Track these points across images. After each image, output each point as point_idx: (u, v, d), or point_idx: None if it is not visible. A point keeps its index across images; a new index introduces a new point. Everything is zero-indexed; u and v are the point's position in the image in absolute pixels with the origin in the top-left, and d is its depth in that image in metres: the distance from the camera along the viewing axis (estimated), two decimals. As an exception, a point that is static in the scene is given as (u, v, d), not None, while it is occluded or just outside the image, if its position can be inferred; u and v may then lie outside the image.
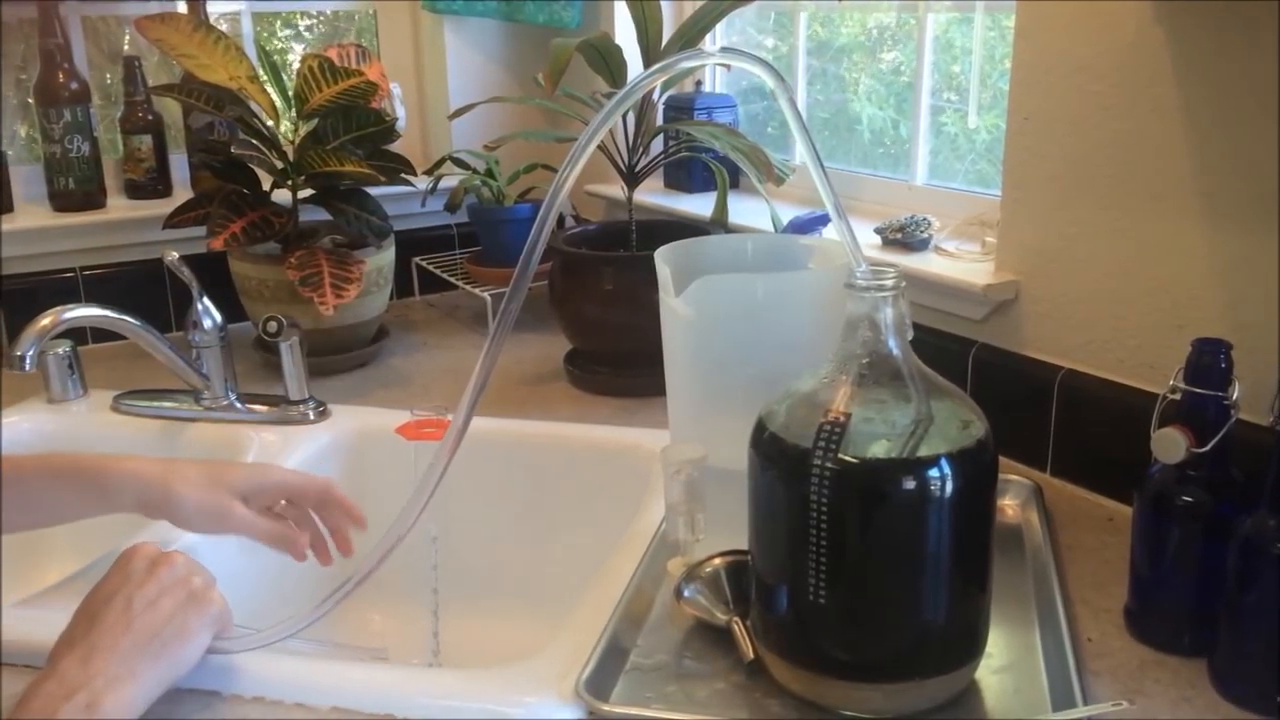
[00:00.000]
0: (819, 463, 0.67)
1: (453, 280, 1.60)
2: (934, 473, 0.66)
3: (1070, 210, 1.02)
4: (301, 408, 1.20)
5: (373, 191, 1.40)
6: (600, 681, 0.74)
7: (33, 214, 1.50)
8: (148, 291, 1.50)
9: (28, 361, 1.01)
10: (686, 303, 0.84)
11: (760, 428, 0.72)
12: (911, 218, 1.26)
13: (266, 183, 1.38)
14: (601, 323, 1.29)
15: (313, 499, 0.86)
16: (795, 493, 0.68)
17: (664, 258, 0.88)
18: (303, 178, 1.34)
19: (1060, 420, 1.03)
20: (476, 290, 1.52)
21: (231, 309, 1.36)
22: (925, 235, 1.23)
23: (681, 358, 0.88)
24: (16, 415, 1.22)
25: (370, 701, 0.72)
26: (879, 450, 0.68)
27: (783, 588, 0.71)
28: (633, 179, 1.32)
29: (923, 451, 0.68)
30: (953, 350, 1.13)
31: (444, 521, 1.07)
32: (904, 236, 1.24)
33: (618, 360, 1.29)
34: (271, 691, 0.74)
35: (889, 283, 0.69)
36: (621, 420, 1.21)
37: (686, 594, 0.81)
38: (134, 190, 1.56)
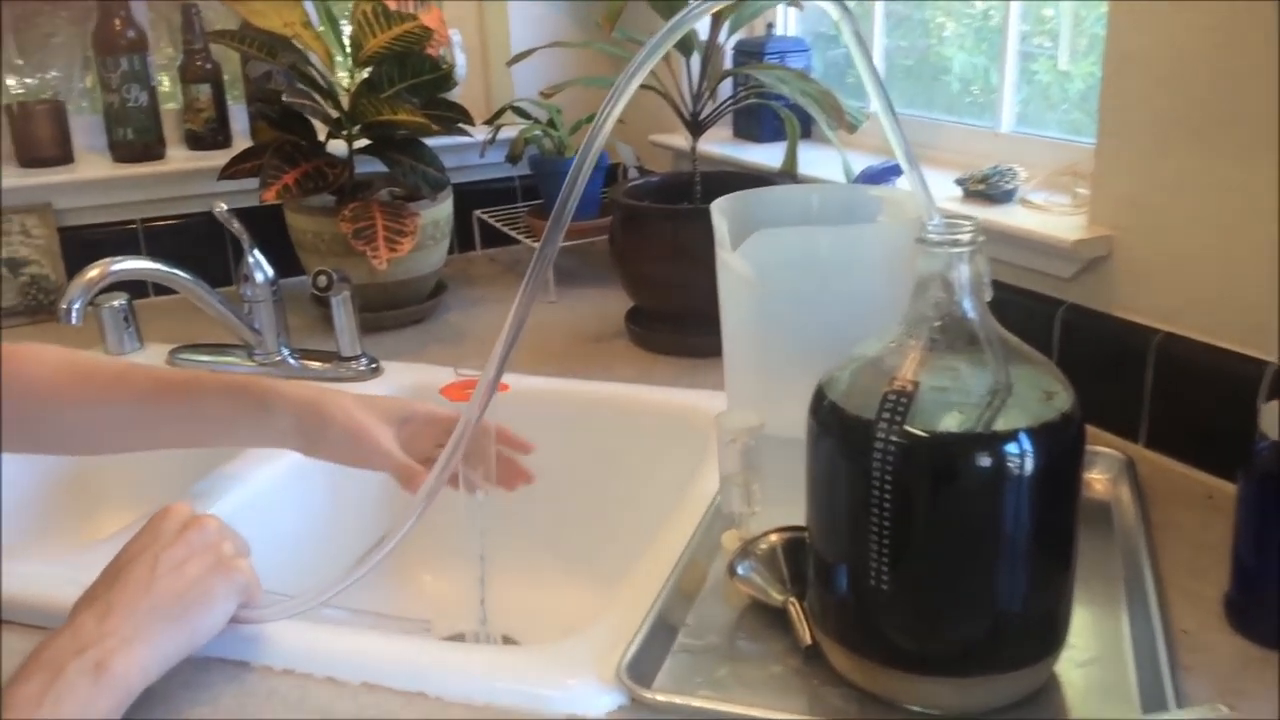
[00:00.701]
0: (883, 435, 0.61)
1: (513, 234, 1.56)
2: (1012, 449, 0.60)
3: (1173, 159, 0.93)
4: (354, 364, 1.17)
5: (431, 142, 1.36)
6: (645, 663, 0.69)
7: (94, 164, 1.48)
8: (208, 244, 1.48)
9: (74, 314, 0.99)
10: (743, 258, 0.77)
11: (820, 395, 0.66)
12: (996, 168, 1.18)
13: (323, 133, 1.34)
14: (663, 279, 1.23)
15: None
16: (856, 467, 0.62)
17: (721, 210, 0.82)
18: (358, 128, 1.30)
19: (1156, 388, 0.95)
20: (537, 244, 1.47)
21: (289, 263, 1.33)
22: (1010, 186, 1.15)
23: (738, 317, 0.82)
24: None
25: (402, 678, 0.69)
26: (950, 423, 0.61)
27: (842, 569, 0.66)
28: (697, 128, 1.26)
29: (999, 425, 0.61)
30: (1038, 311, 1.05)
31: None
32: (987, 188, 1.16)
33: (680, 318, 1.23)
34: (301, 664, 0.70)
35: (965, 237, 0.62)
36: (684, 381, 1.15)
37: (740, 571, 0.75)
38: (194, 141, 1.54)
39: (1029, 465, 0.60)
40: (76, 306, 0.99)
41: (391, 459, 0.82)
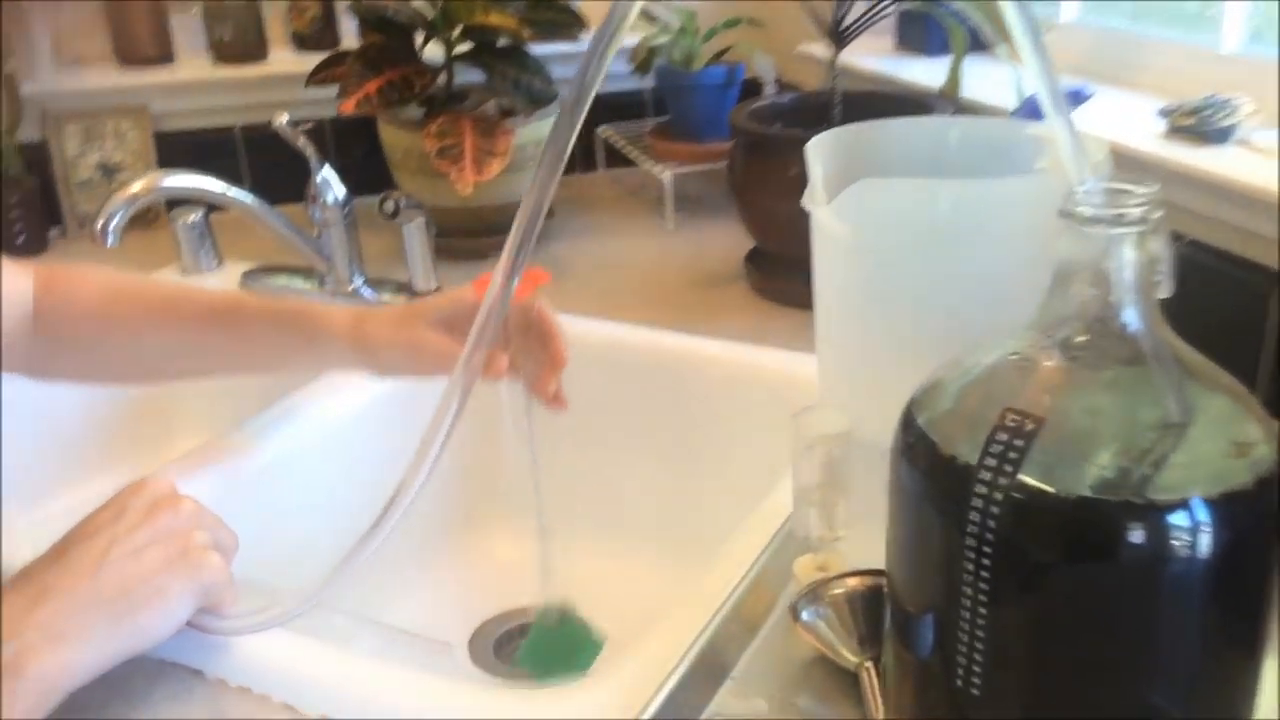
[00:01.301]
0: (985, 488, 0.43)
1: (632, 156, 1.39)
2: (1178, 522, 0.41)
3: None
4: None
5: (544, 50, 1.20)
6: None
7: (193, 66, 1.40)
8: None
9: (110, 234, 0.90)
10: (838, 214, 0.59)
11: (909, 416, 0.48)
12: (1212, 98, 0.93)
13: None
14: (787, 219, 1.03)
15: (516, 320, 0.76)
16: (947, 524, 0.45)
17: (820, 150, 0.64)
18: (456, 32, 1.15)
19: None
20: (656, 168, 1.30)
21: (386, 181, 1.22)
22: (1228, 122, 0.91)
23: (831, 291, 0.64)
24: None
25: (369, 715, 0.56)
26: (1087, 479, 0.43)
27: (922, 650, 0.49)
28: (840, 38, 1.06)
29: (1162, 487, 0.42)
30: (1246, 289, 0.82)
31: (546, 443, 0.90)
32: (1197, 123, 0.92)
33: (806, 266, 1.05)
34: (260, 683, 0.59)
35: (1133, 211, 0.43)
36: (803, 340, 0.97)
37: (805, 617, 0.59)
38: (300, 43, 1.43)
39: (1203, 548, 0.41)
40: (114, 224, 0.89)
41: (451, 362, 0.72)
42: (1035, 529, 0.43)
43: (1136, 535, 0.42)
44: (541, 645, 0.92)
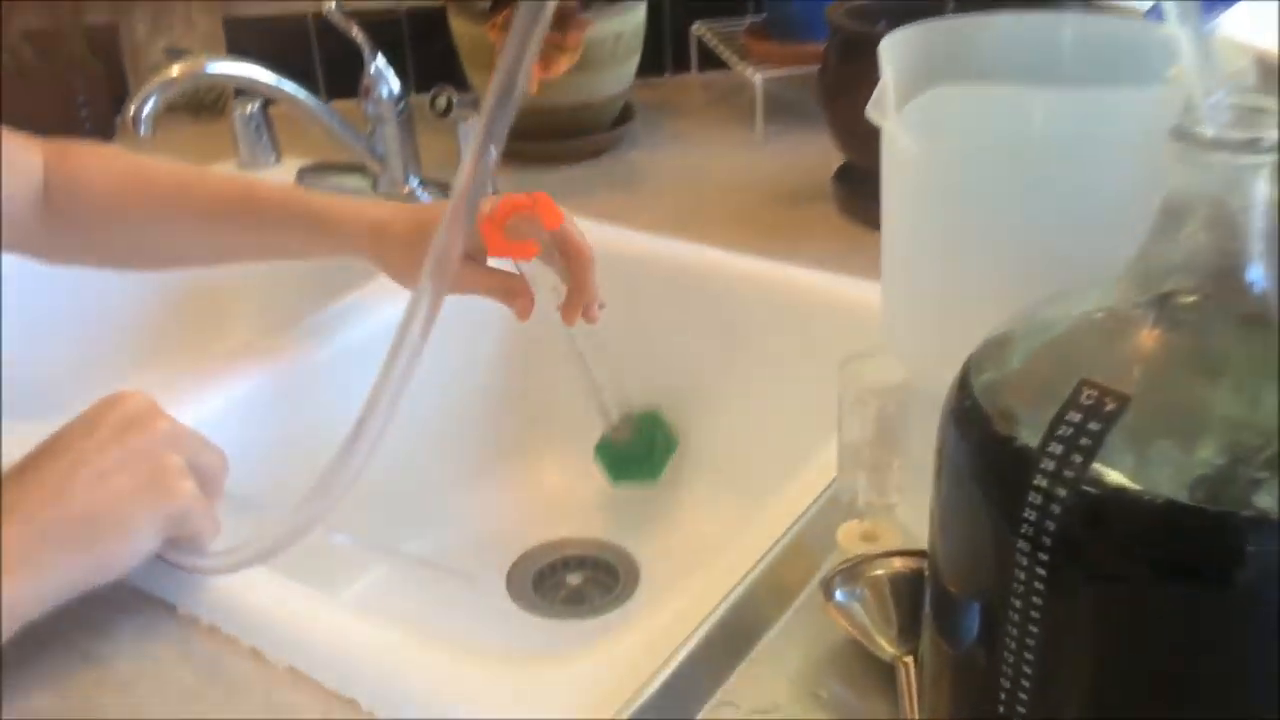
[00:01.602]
0: (1047, 479, 0.34)
1: (725, 56, 1.28)
2: (1293, 541, 0.32)
3: None
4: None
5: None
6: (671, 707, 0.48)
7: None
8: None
9: (142, 123, 0.84)
10: (908, 126, 0.50)
11: (965, 377, 0.39)
12: (1396, 4, 0.78)
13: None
14: (879, 131, 0.94)
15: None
16: (998, 512, 0.36)
17: (897, 49, 0.53)
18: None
19: None
20: (749, 70, 1.19)
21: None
22: None
23: (899, 216, 0.54)
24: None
25: (336, 675, 0.51)
26: (1181, 479, 0.34)
27: (960, 648, 0.41)
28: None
29: (1273, 494, 0.33)
30: None
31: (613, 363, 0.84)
32: (1375, 35, 0.77)
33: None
34: (230, 623, 0.54)
35: (1271, 135, 0.32)
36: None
37: (839, 598, 0.51)
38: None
39: (1325, 575, 0.32)
40: (146, 112, 0.84)
41: (476, 280, 0.72)
42: (1108, 534, 0.34)
43: (1238, 555, 0.33)
44: (613, 452, 0.91)
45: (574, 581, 0.89)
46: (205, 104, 1.29)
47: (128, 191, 0.74)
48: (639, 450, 0.91)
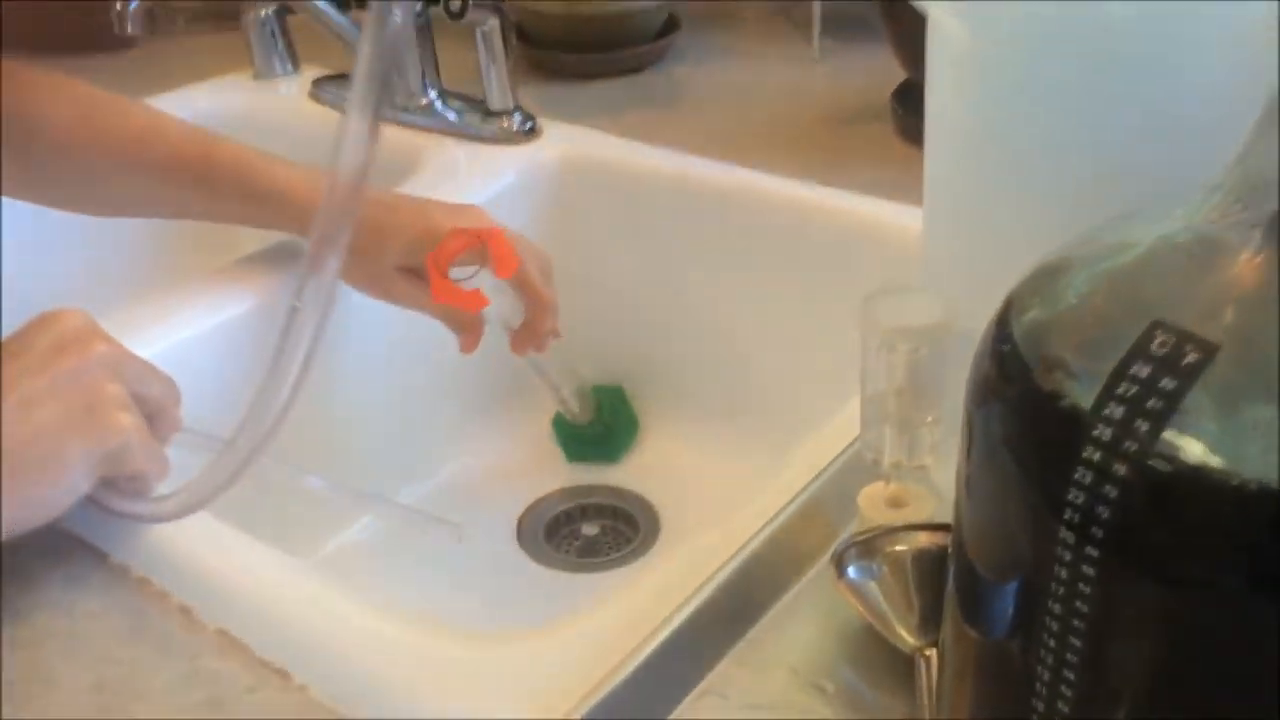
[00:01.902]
0: (1100, 450, 0.26)
1: (781, -36, 1.18)
2: None
3: None
4: (504, 122, 0.89)
5: None
6: (638, 705, 0.41)
7: None
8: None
9: (129, 20, 0.78)
10: (958, 12, 0.40)
11: (1004, 316, 0.31)
12: None
13: None
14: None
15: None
16: (1035, 487, 0.28)
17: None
18: None
19: None
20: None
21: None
22: None
23: (946, 119, 0.45)
24: (209, 89, 1.02)
25: (267, 642, 0.44)
26: (1275, 455, 0.25)
27: (990, 651, 0.33)
28: None
29: None
30: None
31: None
32: None
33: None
34: (163, 575, 0.48)
35: None
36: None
37: (852, 575, 0.43)
38: None
39: None
40: (134, 6, 0.77)
41: (416, 303, 0.69)
42: (1179, 525, 0.26)
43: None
44: (569, 429, 0.86)
45: (589, 532, 0.82)
46: (226, 12, 1.22)
47: (86, 131, 0.68)
48: (596, 430, 0.85)
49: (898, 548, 0.42)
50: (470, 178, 0.85)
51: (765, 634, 0.45)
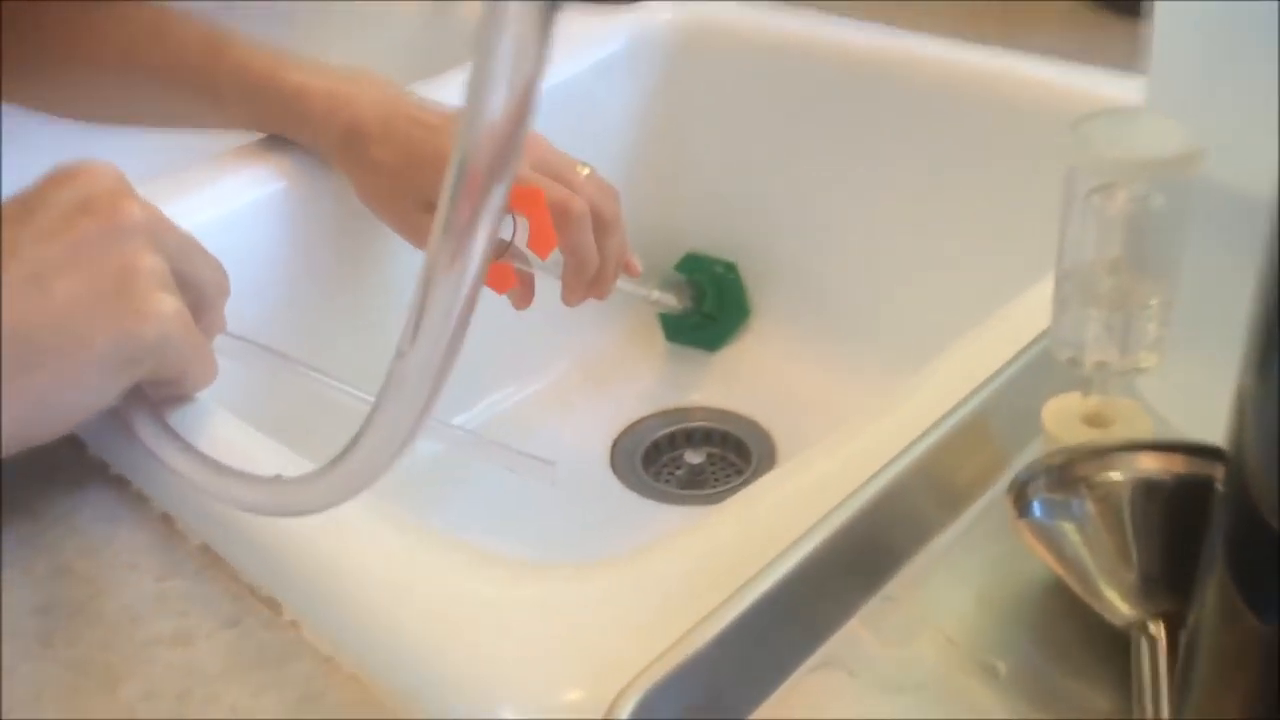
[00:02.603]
0: None
1: None
2: None
3: None
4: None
5: None
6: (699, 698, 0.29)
7: None
8: None
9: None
10: None
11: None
12: None
13: None
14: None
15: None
16: None
17: None
18: None
19: None
20: None
21: None
22: None
23: None
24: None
25: (268, 569, 0.34)
26: None
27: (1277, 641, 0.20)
28: None
29: None
30: None
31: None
32: None
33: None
34: (159, 491, 0.38)
35: None
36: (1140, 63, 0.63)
37: (1039, 514, 0.31)
38: None
39: None
40: None
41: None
42: None
43: None
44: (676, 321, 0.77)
45: (694, 460, 0.71)
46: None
47: (85, 30, 0.60)
48: (697, 318, 0.76)
49: (1111, 476, 0.29)
50: (569, 44, 0.73)
51: (908, 590, 0.33)
